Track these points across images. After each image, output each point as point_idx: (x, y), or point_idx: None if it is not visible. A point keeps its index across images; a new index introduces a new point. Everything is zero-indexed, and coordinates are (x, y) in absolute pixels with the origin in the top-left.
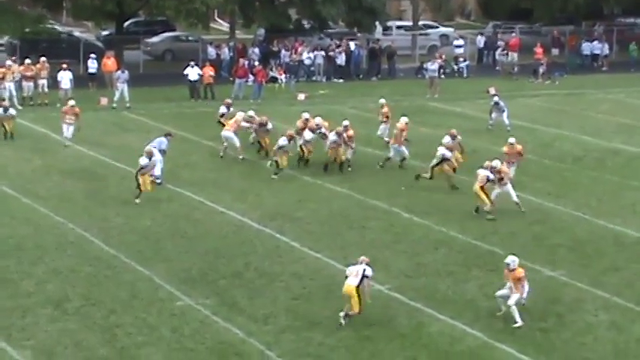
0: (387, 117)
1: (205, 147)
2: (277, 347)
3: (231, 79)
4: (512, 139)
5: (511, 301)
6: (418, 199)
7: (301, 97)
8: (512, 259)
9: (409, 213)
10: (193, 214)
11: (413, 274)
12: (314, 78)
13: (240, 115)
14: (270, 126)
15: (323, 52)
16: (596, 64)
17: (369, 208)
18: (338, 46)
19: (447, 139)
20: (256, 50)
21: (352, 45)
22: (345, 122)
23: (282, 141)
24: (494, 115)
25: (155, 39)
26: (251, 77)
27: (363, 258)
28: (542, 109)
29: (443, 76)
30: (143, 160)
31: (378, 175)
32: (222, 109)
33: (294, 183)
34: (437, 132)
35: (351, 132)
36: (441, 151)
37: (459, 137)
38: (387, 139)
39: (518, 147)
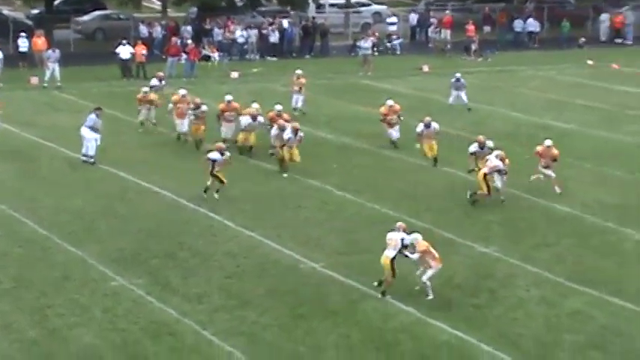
0: (301, 88)
1: (137, 126)
2: (211, 326)
3: (163, 57)
4: (548, 141)
5: (424, 277)
6: (351, 178)
7: (234, 75)
8: (413, 237)
9: (342, 191)
10: (126, 193)
11: (346, 251)
12: (247, 56)
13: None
14: (204, 108)
15: (256, 30)
16: (528, 41)
17: (303, 187)
18: (271, 24)
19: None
20: (189, 28)
21: (285, 23)
22: (278, 106)
23: (287, 134)
24: (453, 92)
25: (86, 17)
26: (184, 55)
27: (400, 224)
28: (474, 86)
29: (376, 54)
30: (214, 155)
31: (312, 154)
32: (154, 82)
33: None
34: (370, 110)
35: (285, 116)
36: (493, 161)
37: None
38: (302, 109)
39: (555, 151)
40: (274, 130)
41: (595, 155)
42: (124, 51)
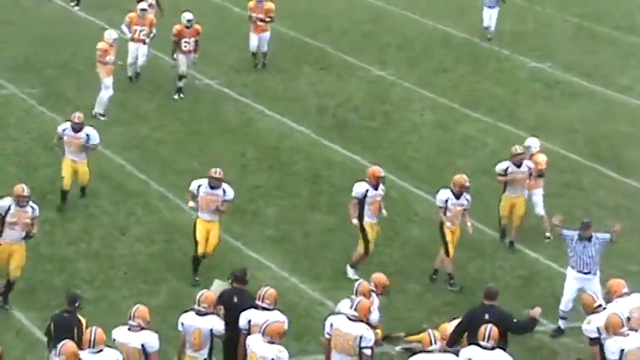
0: None
1: None
2: (105, 138)
3: None
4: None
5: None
6: None
7: None
8: None
9: (239, 7)
10: (20, 1)
11: (243, 69)
12: None
13: None
14: None
15: None
16: None
17: (201, 2)
18: None
19: None
20: None
21: None
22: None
23: None
24: (487, 11)
25: None
26: None
27: None
28: None
29: None
30: None
31: None
32: None
33: None
34: None
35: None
36: None
37: None
38: None
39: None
40: None
41: None
42: None
